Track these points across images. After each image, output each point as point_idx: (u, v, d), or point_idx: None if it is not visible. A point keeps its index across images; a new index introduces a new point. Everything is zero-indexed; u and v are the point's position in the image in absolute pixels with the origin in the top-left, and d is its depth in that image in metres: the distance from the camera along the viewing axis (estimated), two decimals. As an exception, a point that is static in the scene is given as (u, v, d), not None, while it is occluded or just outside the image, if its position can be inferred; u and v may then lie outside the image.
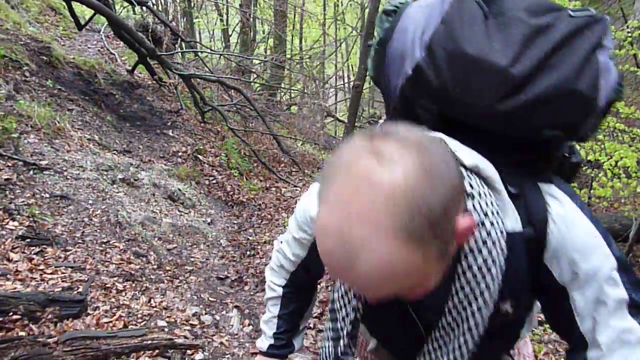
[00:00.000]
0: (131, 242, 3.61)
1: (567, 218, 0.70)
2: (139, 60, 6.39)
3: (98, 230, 3.47)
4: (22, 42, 5.09)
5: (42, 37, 5.54)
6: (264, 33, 13.34)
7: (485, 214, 0.65)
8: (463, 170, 0.66)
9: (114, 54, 7.05)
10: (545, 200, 0.71)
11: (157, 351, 2.37)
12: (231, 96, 8.17)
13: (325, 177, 0.57)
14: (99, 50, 7.07)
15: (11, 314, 2.20)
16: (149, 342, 2.26)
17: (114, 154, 4.77)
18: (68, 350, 2.03)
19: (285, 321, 1.06)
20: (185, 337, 2.61)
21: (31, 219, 3.11)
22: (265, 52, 12.78)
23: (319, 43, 12.68)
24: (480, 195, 0.65)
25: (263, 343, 1.08)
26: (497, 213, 0.67)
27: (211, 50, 9.81)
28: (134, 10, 8.03)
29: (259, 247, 4.69)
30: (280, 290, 1.04)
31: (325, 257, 0.56)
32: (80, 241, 3.24)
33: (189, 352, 2.54)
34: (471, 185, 0.65)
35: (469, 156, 0.68)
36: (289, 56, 11.84)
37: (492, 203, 0.66)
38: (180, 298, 3.23)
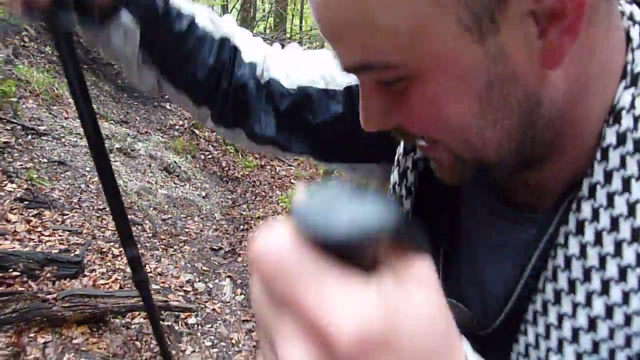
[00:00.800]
0: (127, 210, 3.66)
1: None
2: (138, 32, 6.33)
3: (95, 197, 3.51)
4: (21, 7, 5.04)
5: (41, 3, 5.49)
6: (264, 11, 13.22)
7: None
8: None
9: (112, 24, 6.99)
10: None
11: (152, 312, 2.45)
12: (229, 73, 8.15)
13: None
14: (97, 19, 7.00)
15: (11, 270, 2.26)
16: (145, 303, 2.34)
17: (111, 123, 4.79)
18: (67, 306, 2.10)
19: None
20: (179, 302, 2.70)
21: (29, 182, 3.15)
22: (265, 30, 12.69)
23: (320, 24, 12.59)
24: None
25: None
26: None
27: (210, 25, 9.71)
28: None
29: (253, 222, 4.76)
30: None
31: None
32: (77, 206, 3.28)
33: (182, 315, 2.63)
34: None
35: None
36: (288, 35, 11.77)
37: None
38: (175, 265, 3.30)
